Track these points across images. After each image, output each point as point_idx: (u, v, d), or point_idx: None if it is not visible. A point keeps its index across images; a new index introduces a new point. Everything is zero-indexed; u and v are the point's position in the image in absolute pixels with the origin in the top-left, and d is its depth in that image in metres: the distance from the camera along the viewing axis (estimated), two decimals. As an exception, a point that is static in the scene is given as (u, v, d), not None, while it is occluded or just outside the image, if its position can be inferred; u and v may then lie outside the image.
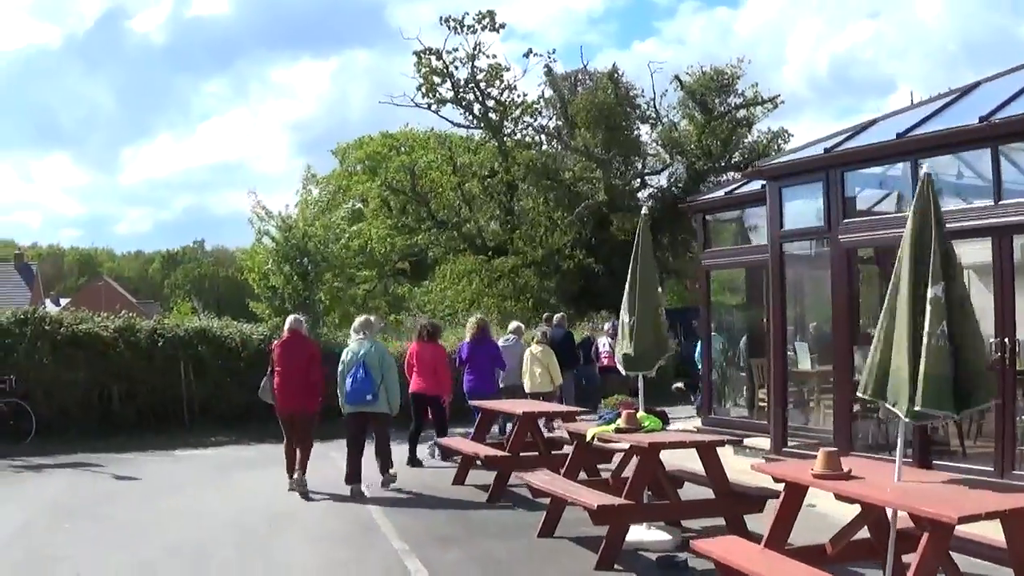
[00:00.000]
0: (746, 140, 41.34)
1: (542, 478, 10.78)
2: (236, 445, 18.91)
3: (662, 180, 42.14)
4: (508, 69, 39.99)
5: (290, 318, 13.90)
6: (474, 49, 39.08)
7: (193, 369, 20.34)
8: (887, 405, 6.75)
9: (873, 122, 14.50)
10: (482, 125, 41.03)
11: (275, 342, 14.03)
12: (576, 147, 38.90)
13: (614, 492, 9.98)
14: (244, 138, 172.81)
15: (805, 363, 16.09)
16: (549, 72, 40.41)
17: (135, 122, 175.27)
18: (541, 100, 41.20)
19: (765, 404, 16.53)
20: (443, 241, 41.19)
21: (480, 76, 39.68)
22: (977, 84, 13.77)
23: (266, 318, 22.10)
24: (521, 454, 13.20)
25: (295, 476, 13.28)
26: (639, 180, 41.85)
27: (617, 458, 11.86)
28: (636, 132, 41.25)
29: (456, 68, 39.47)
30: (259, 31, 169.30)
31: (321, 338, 19.56)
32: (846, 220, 13.47)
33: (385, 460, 13.50)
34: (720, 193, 19.00)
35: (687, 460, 10.66)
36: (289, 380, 13.17)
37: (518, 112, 40.62)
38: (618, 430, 10.21)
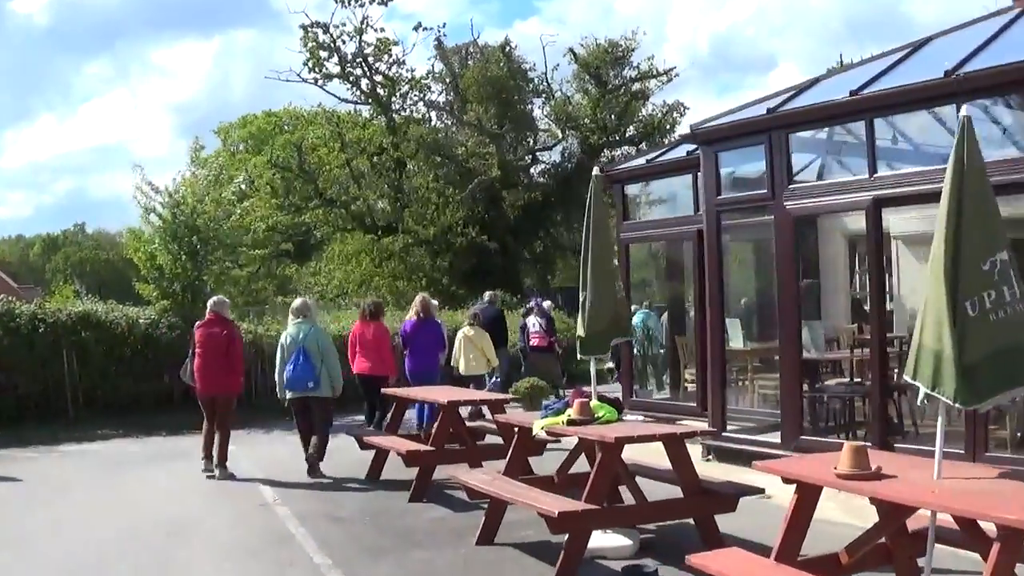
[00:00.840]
0: (641, 114, 40.70)
1: (481, 478, 9.53)
2: (125, 439, 17.30)
3: (555, 156, 41.36)
4: (396, 43, 38.87)
5: (212, 299, 13.73)
6: (361, 23, 37.76)
7: (77, 356, 18.58)
8: (929, 391, 5.67)
9: (816, 81, 13.58)
10: (370, 101, 39.70)
11: (197, 324, 13.64)
12: (469, 121, 37.70)
13: (561, 491, 8.85)
14: (125, 120, 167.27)
15: (737, 341, 15.15)
16: (440, 45, 39.32)
17: (16, 104, 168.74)
18: (431, 75, 40.09)
19: (693, 385, 15.80)
20: (331, 220, 39.75)
21: (368, 50, 38.44)
22: (929, 39, 12.82)
23: (154, 300, 20.31)
24: (445, 447, 11.96)
25: (214, 462, 13.00)
26: (531, 156, 40.94)
27: (557, 455, 10.71)
28: (529, 107, 40.32)
29: (343, 43, 38.20)
30: (141, 12, 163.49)
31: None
32: (791, 186, 12.42)
33: (319, 448, 12.98)
34: (640, 161, 17.71)
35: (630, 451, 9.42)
36: (210, 362, 13.02)
37: (406, 88, 39.50)
38: (570, 422, 8.99)
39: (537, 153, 41.38)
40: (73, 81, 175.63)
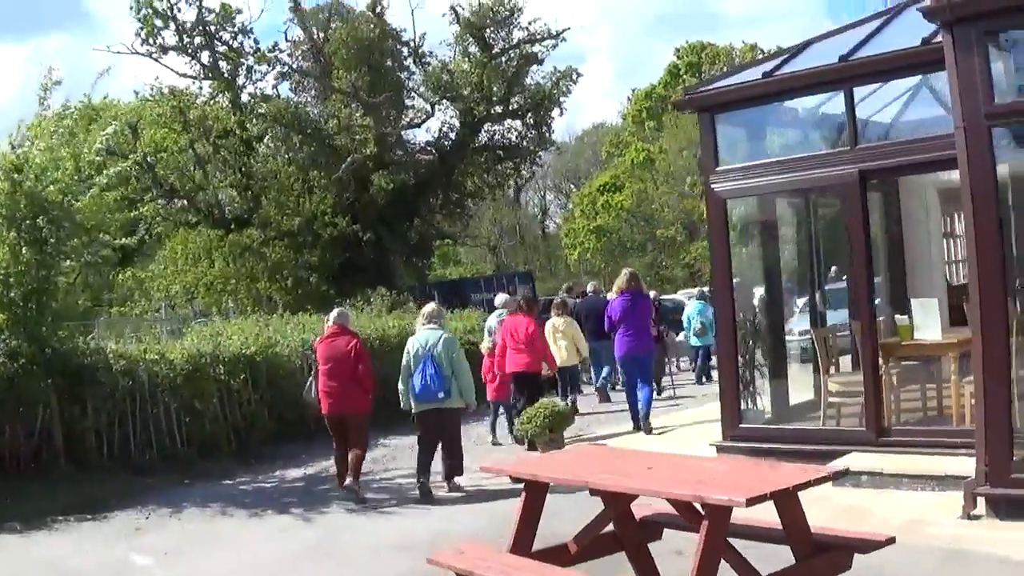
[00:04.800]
0: (528, 82, 39.44)
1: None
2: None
3: (431, 131, 39.91)
4: (240, 12, 36.77)
5: (334, 312, 13.58)
6: (202, -14, 35.45)
7: None
8: None
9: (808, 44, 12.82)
10: (212, 75, 37.39)
11: (316, 339, 13.82)
12: (340, 88, 35.74)
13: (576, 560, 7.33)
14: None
15: (932, 330, 12.19)
16: (296, 7, 36.99)
17: None
18: (288, 41, 38.16)
19: (842, 397, 12.69)
20: (172, 214, 37.42)
21: (209, 18, 36.12)
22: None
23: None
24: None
25: (347, 483, 12.72)
26: (408, 130, 39.47)
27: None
28: (405, 75, 38.67)
29: (180, 10, 35.76)
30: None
31: (63, 348, 15.20)
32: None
33: (454, 464, 13.02)
34: (744, 77, 13.00)
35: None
36: (337, 379, 12.84)
37: (252, 60, 37.40)
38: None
39: (412, 128, 39.77)
40: None
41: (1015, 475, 9.11)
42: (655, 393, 18.00)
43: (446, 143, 39.35)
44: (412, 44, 38.46)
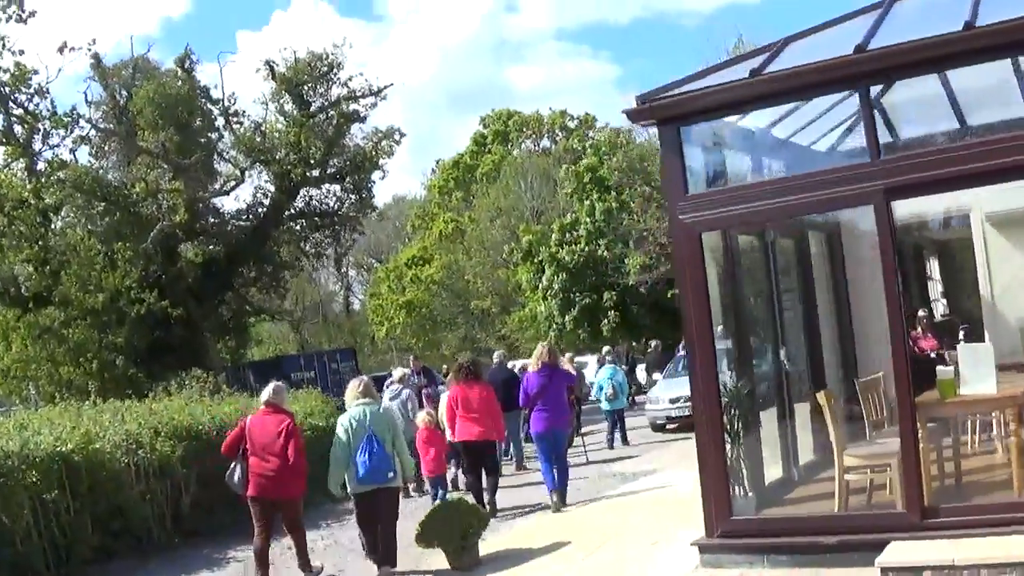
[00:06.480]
0: (348, 144, 37.14)
1: None
2: None
3: (241, 199, 37.12)
4: (36, 72, 33.45)
5: (269, 387, 12.81)
6: (-1, 44, 32.31)
7: None
8: None
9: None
10: (5, 141, 34.22)
11: (245, 417, 12.99)
12: (148, 149, 32.52)
13: None
14: None
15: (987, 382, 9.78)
16: (97, 63, 33.78)
17: None
18: (89, 103, 34.90)
19: (860, 475, 10.22)
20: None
21: (4, 78, 32.92)
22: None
23: None
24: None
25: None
26: (221, 197, 36.71)
27: None
28: (216, 136, 35.72)
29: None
30: None
31: None
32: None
33: (391, 549, 12.26)
34: (722, 78, 10.27)
35: None
36: (268, 462, 12.17)
37: (48, 124, 34.14)
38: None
39: (222, 196, 37.02)
40: None
41: None
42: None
43: (260, 210, 37.00)
44: (222, 103, 35.60)
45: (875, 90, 9.46)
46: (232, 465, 12.47)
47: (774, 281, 12.25)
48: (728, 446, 10.23)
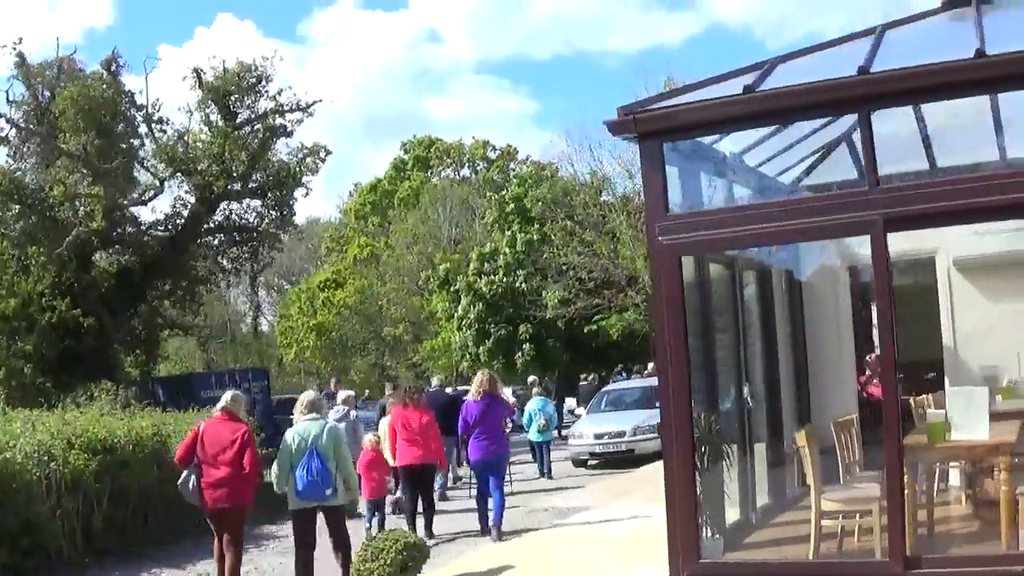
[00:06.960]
0: (271, 158, 36.19)
1: None
2: None
3: (158, 211, 36.15)
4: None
5: (227, 394, 12.41)
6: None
7: None
8: None
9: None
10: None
11: (199, 424, 12.48)
12: (68, 151, 31.43)
13: None
14: None
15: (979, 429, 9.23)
16: (22, 62, 32.72)
17: None
18: (9, 103, 33.75)
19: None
20: None
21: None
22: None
23: None
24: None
25: None
26: (141, 205, 35.65)
27: None
28: (137, 143, 34.67)
29: None
30: None
31: None
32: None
33: (347, 557, 12.10)
34: (715, 93, 9.64)
35: None
36: (220, 471, 11.87)
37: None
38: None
39: (140, 205, 35.96)
40: None
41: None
42: None
43: (178, 221, 35.92)
44: (146, 110, 34.55)
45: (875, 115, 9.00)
46: (186, 474, 12.11)
47: (740, 315, 11.84)
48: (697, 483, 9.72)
